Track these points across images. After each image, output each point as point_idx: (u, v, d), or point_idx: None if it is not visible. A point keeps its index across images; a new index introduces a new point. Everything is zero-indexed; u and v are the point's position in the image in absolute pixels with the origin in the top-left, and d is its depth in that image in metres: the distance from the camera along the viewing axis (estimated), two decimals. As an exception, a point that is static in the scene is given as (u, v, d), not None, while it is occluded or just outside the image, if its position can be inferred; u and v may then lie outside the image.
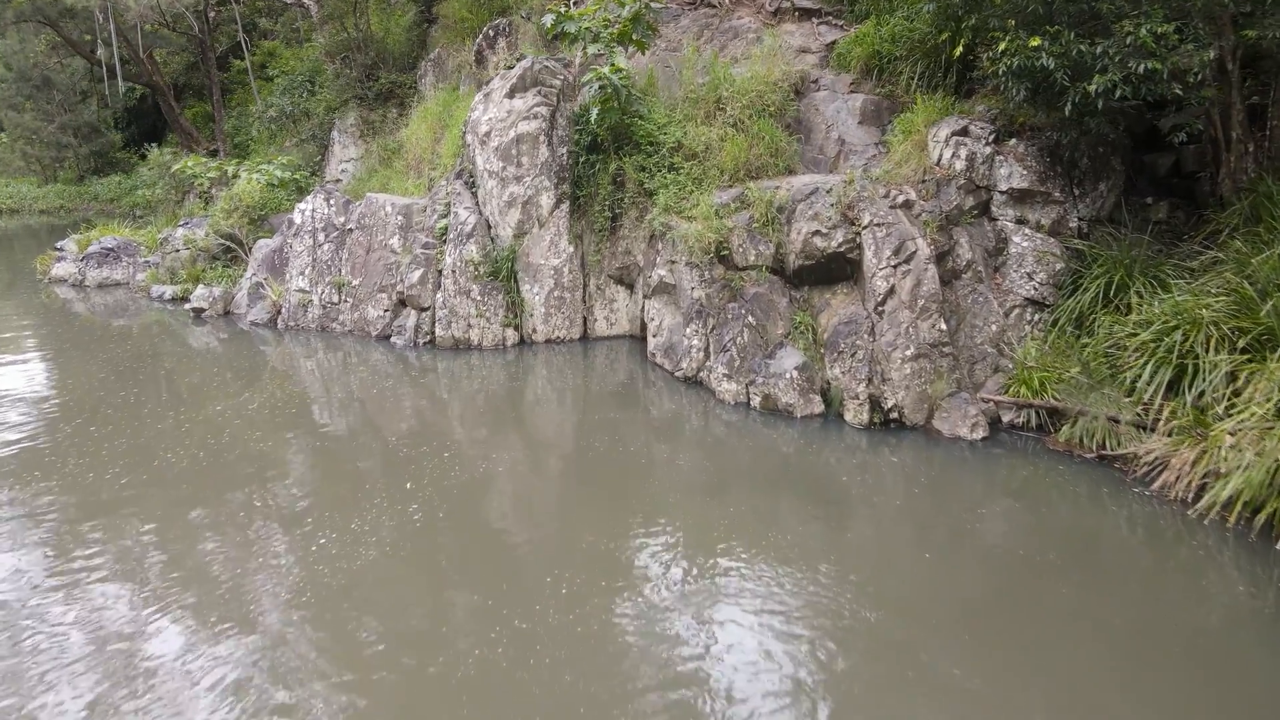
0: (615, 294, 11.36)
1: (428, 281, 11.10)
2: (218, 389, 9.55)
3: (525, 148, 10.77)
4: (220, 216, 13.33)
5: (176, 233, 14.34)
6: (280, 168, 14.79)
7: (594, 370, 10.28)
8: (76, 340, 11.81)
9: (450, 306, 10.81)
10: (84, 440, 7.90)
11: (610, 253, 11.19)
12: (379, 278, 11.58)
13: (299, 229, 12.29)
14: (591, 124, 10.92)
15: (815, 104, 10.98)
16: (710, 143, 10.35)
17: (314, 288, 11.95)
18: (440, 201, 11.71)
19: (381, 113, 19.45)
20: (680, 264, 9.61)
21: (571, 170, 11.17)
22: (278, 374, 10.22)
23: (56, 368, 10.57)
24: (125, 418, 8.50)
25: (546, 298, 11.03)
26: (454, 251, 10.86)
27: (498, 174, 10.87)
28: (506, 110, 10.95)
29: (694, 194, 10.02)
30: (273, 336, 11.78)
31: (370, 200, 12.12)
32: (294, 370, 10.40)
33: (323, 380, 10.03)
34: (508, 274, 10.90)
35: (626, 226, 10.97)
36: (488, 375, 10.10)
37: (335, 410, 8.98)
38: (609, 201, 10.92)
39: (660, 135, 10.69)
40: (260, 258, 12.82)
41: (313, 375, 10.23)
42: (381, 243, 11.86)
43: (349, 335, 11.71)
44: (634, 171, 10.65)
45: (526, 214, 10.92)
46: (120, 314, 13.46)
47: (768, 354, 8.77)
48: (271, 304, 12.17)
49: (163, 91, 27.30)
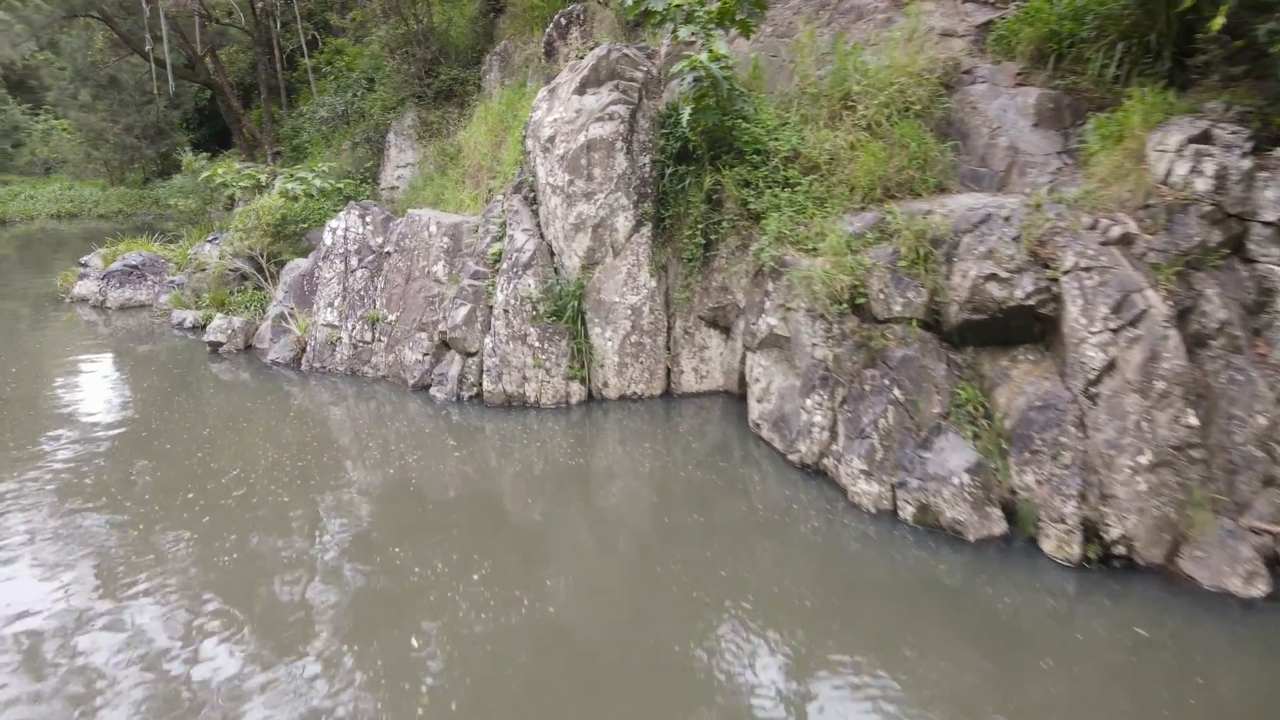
0: (707, 339, 9.27)
1: (475, 321, 9.22)
2: (206, 463, 7.85)
3: (598, 156, 8.78)
4: (236, 236, 11.80)
5: (205, 249, 12.91)
6: (321, 175, 13.24)
7: (679, 441, 8.20)
8: (68, 372, 10.39)
9: (502, 354, 8.90)
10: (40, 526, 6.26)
11: (702, 289, 9.10)
12: (419, 313, 9.77)
13: (329, 251, 10.61)
14: (682, 127, 8.87)
15: (971, 100, 8.64)
16: (837, 151, 8.16)
17: (344, 322, 10.23)
18: (494, 220, 9.84)
19: (441, 113, 17.85)
20: (799, 312, 7.45)
21: (655, 185, 9.13)
22: (289, 439, 8.48)
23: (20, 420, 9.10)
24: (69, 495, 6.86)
25: (621, 344, 9.01)
26: (507, 286, 8.94)
27: (563, 189, 8.91)
28: (575, 109, 8.99)
29: (815, 218, 7.85)
30: (294, 381, 10.10)
31: (412, 218, 10.34)
32: (310, 434, 8.65)
33: (344, 449, 8.25)
34: (573, 314, 8.92)
35: (723, 256, 8.87)
36: (546, 443, 8.14)
37: (356, 499, 7.15)
38: (701, 225, 8.84)
39: (770, 141, 8.55)
40: (289, 282, 11.21)
41: (331, 441, 8.45)
42: (424, 270, 10.06)
43: (382, 382, 9.94)
44: (735, 188, 8.54)
45: (598, 240, 8.93)
46: (132, 345, 12.06)
47: (921, 442, 6.54)
48: (296, 340, 10.52)
49: (223, 91, 26.55)
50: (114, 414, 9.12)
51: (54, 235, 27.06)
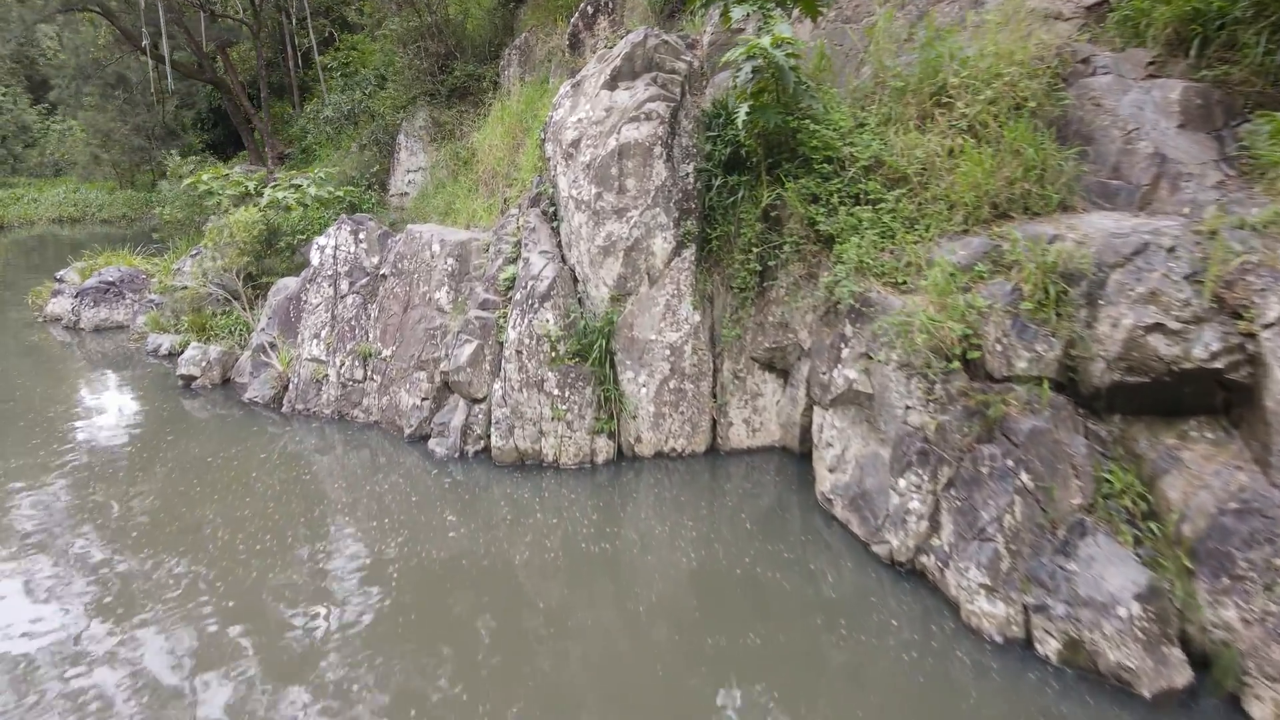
0: (760, 385, 7.76)
1: (483, 361, 7.77)
2: (142, 544, 6.48)
3: (632, 165, 7.31)
4: (208, 256, 10.46)
5: (188, 264, 11.61)
6: (318, 182, 11.90)
7: (729, 515, 6.70)
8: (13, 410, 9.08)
9: (513, 403, 7.44)
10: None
11: (755, 325, 7.59)
12: (418, 348, 8.35)
13: (316, 273, 9.23)
14: (735, 128, 7.39)
15: (1093, 96, 7.05)
16: (931, 159, 6.62)
17: (332, 357, 8.84)
18: (507, 239, 8.40)
19: (455, 112, 16.49)
20: (888, 365, 5.92)
21: (699, 200, 7.64)
22: (252, 508, 7.09)
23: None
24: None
25: (658, 390, 7.53)
26: (521, 321, 7.48)
27: (589, 205, 7.44)
28: (605, 107, 7.52)
29: (905, 244, 6.31)
30: (273, 426, 8.71)
31: (412, 236, 8.93)
32: (281, 499, 7.25)
33: (319, 522, 6.83)
34: (600, 356, 7.45)
35: (783, 286, 7.36)
36: (564, 516, 6.68)
37: (325, 594, 5.72)
38: (757, 249, 7.34)
39: (845, 147, 7.02)
40: (274, 306, 9.85)
41: (305, 510, 7.05)
42: (424, 296, 8.64)
43: (374, 429, 8.53)
44: (800, 204, 7.03)
45: (631, 266, 7.45)
46: (98, 375, 10.73)
47: (1061, 546, 4.98)
48: (277, 376, 9.15)
49: (229, 89, 25.44)
50: (42, 468, 7.79)
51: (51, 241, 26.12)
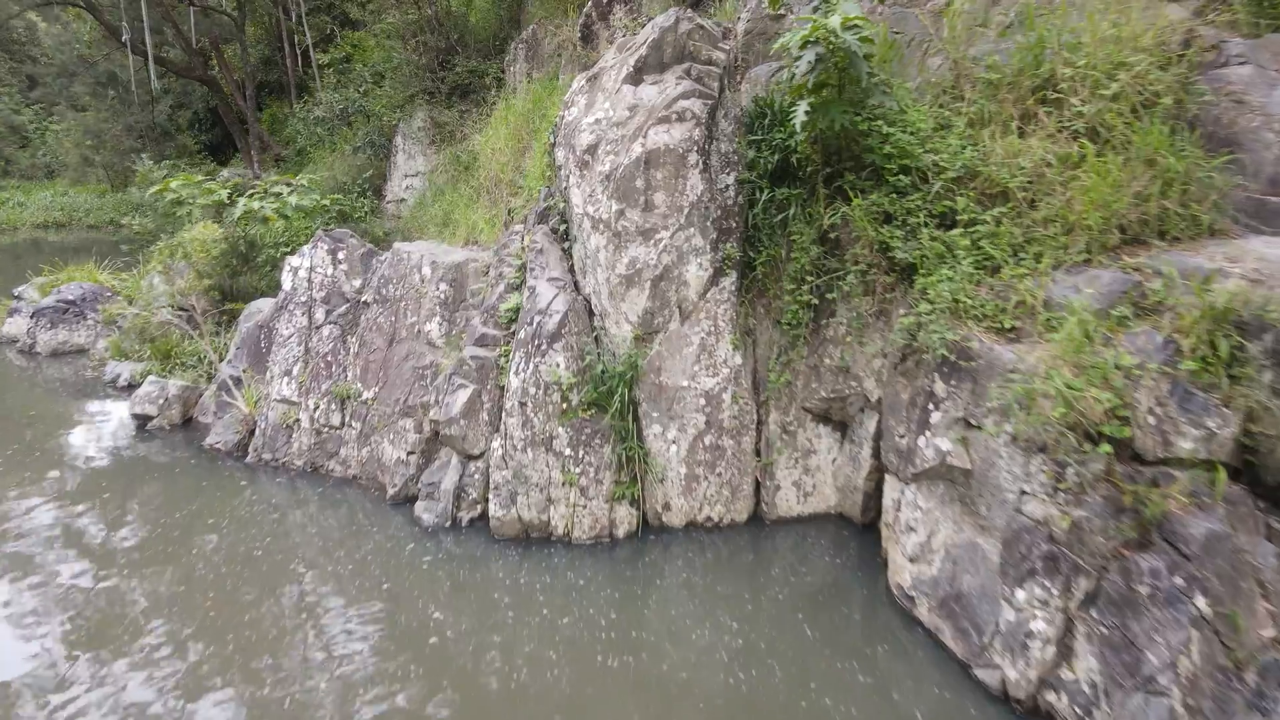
0: (814, 440, 6.48)
1: (480, 410, 6.52)
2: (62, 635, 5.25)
3: (662, 176, 6.03)
4: (158, 280, 9.22)
5: (156, 281, 10.41)
6: (301, 191, 10.68)
7: (780, 610, 5.41)
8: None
9: (516, 465, 6.18)
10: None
11: (809, 368, 6.32)
12: (405, 390, 7.11)
13: (288, 299, 7.99)
14: (786, 131, 6.12)
15: (1233, 91, 5.73)
16: (1040, 170, 5.32)
17: (305, 398, 7.60)
18: (510, 260, 7.15)
19: (457, 112, 15.25)
20: (998, 438, 4.62)
21: (741, 218, 6.37)
22: (191, 593, 5.85)
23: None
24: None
25: (691, 448, 6.26)
26: (526, 365, 6.22)
27: (609, 224, 6.18)
28: (628, 106, 6.25)
29: (1014, 277, 5.01)
30: (234, 477, 7.47)
31: (399, 256, 7.68)
32: (226, 581, 6.01)
33: (267, 621, 5.58)
34: (621, 406, 6.18)
35: (844, 323, 6.08)
36: (576, 608, 5.41)
37: None
38: (811, 278, 6.06)
39: (925, 154, 5.72)
40: (245, 333, 8.62)
41: (255, 600, 5.80)
42: (412, 328, 7.40)
43: (352, 485, 7.28)
44: (869, 224, 5.73)
45: (659, 298, 6.18)
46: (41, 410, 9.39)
47: (1254, 699, 3.69)
48: (243, 419, 7.90)
49: (220, 89, 24.31)
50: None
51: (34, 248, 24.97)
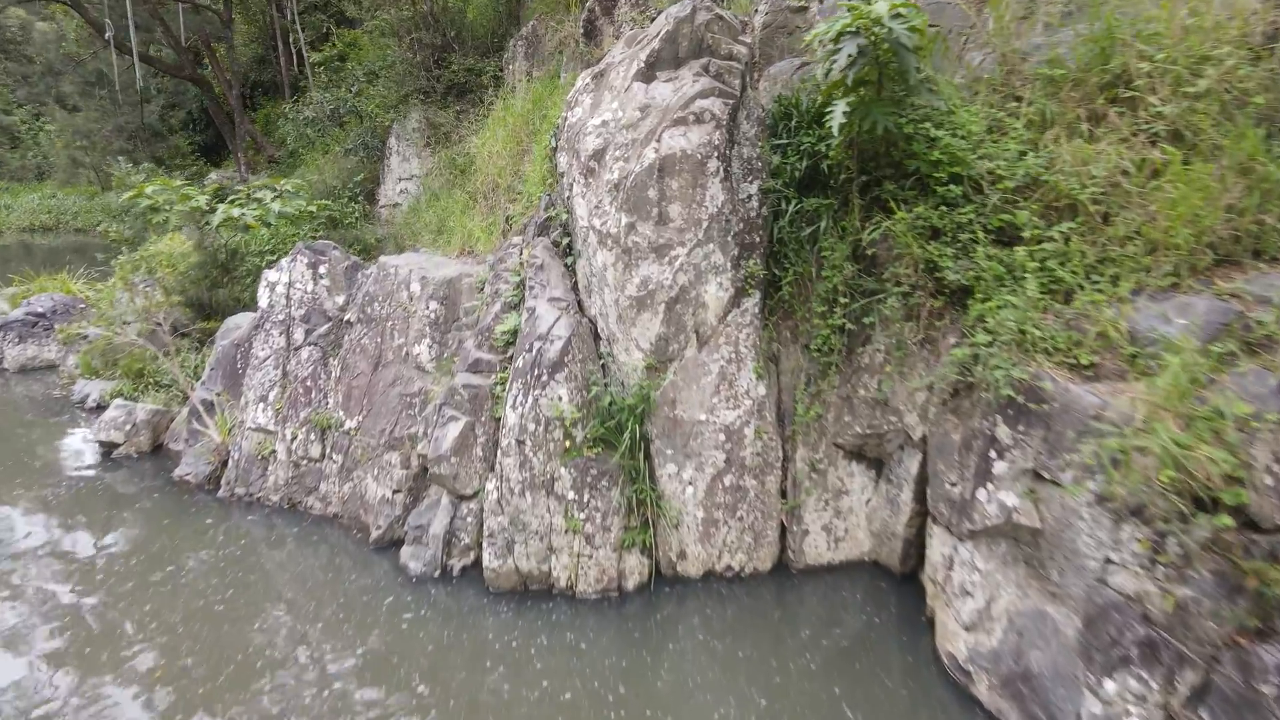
0: (846, 479, 5.81)
1: (473, 446, 5.85)
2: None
3: (678, 185, 5.37)
4: (121, 298, 8.55)
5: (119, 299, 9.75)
6: (284, 197, 10.01)
7: (816, 683, 4.73)
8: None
9: (513, 510, 5.51)
10: None
11: (841, 399, 5.65)
12: (391, 420, 6.45)
13: (265, 318, 7.33)
14: (814, 134, 5.46)
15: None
16: (1115, 179, 4.65)
17: (281, 426, 6.93)
18: (506, 276, 6.49)
19: (453, 112, 14.59)
20: (1078, 500, 3.95)
21: (766, 231, 5.70)
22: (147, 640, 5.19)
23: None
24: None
25: (709, 489, 5.59)
26: (524, 397, 5.54)
27: (618, 239, 5.51)
28: (639, 106, 5.58)
29: (1091, 303, 4.34)
30: (203, 514, 6.81)
31: (385, 271, 7.02)
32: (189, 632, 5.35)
33: (215, 694, 4.92)
34: (632, 444, 5.51)
35: (882, 349, 5.42)
36: (579, 684, 4.74)
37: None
38: (845, 299, 5.40)
39: (978, 160, 5.05)
40: (221, 352, 7.95)
41: (207, 662, 5.13)
42: (400, 350, 6.74)
43: (333, 525, 6.62)
44: (914, 239, 5.06)
45: (675, 322, 5.51)
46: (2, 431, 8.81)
47: None
48: (215, 448, 7.24)
49: (208, 87, 23.66)
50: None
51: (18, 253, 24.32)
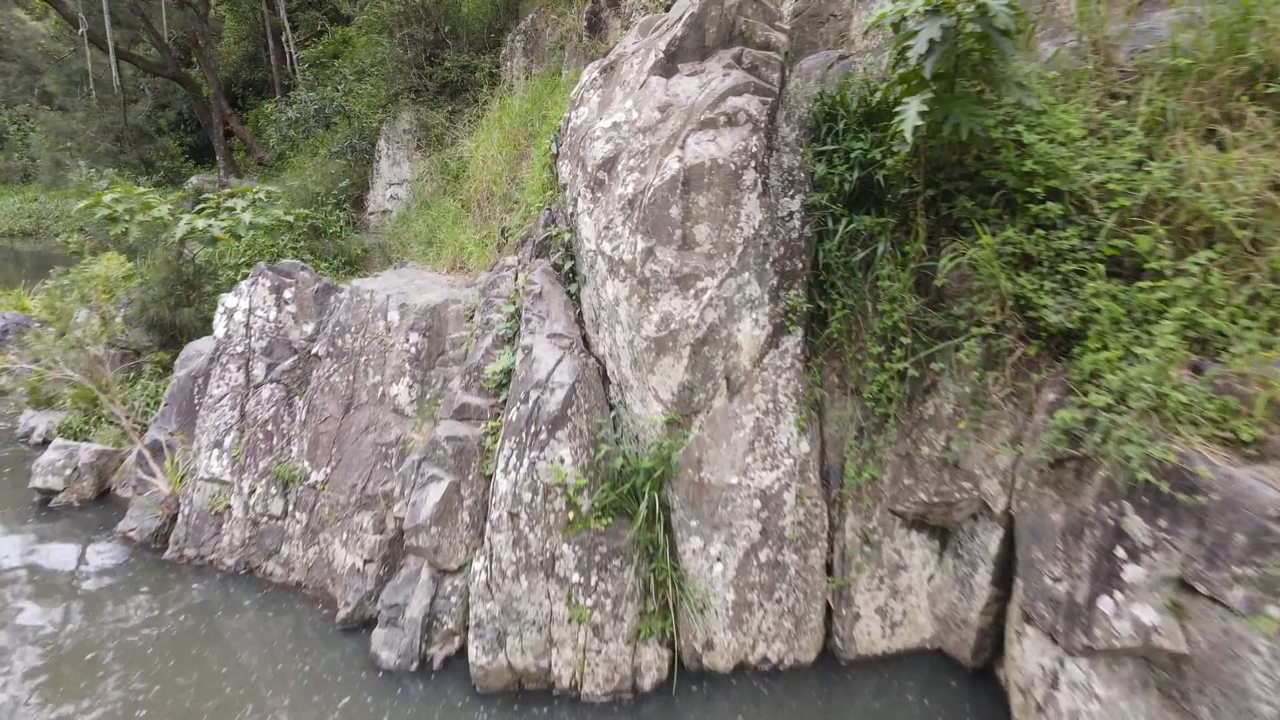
0: (905, 552, 4.86)
1: (458, 511, 4.91)
2: None
3: (707, 202, 4.42)
4: (50, 329, 7.59)
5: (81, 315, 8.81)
6: (257, 207, 9.07)
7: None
8: None
9: (505, 596, 4.56)
10: None
11: (900, 457, 4.70)
12: (363, 473, 5.51)
13: (222, 349, 6.38)
14: (866, 140, 4.52)
15: None
16: (1264, 196, 3.70)
17: (238, 478, 5.99)
18: (500, 303, 5.55)
19: (447, 112, 13.65)
20: (1252, 631, 3.01)
21: (809, 254, 4.76)
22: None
23: None
24: None
25: (741, 566, 4.65)
26: (519, 460, 4.59)
27: (632, 267, 4.56)
28: (659, 105, 4.63)
29: (1247, 356, 3.40)
30: (145, 581, 5.86)
31: (358, 297, 6.08)
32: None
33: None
34: (649, 513, 4.56)
35: (951, 398, 4.47)
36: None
37: None
38: (907, 338, 4.45)
39: (1084, 172, 4.10)
40: (177, 384, 7.02)
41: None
42: (375, 390, 5.80)
43: (296, 596, 5.67)
44: (1000, 270, 4.11)
45: (702, 367, 4.56)
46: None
47: None
48: (164, 500, 6.31)
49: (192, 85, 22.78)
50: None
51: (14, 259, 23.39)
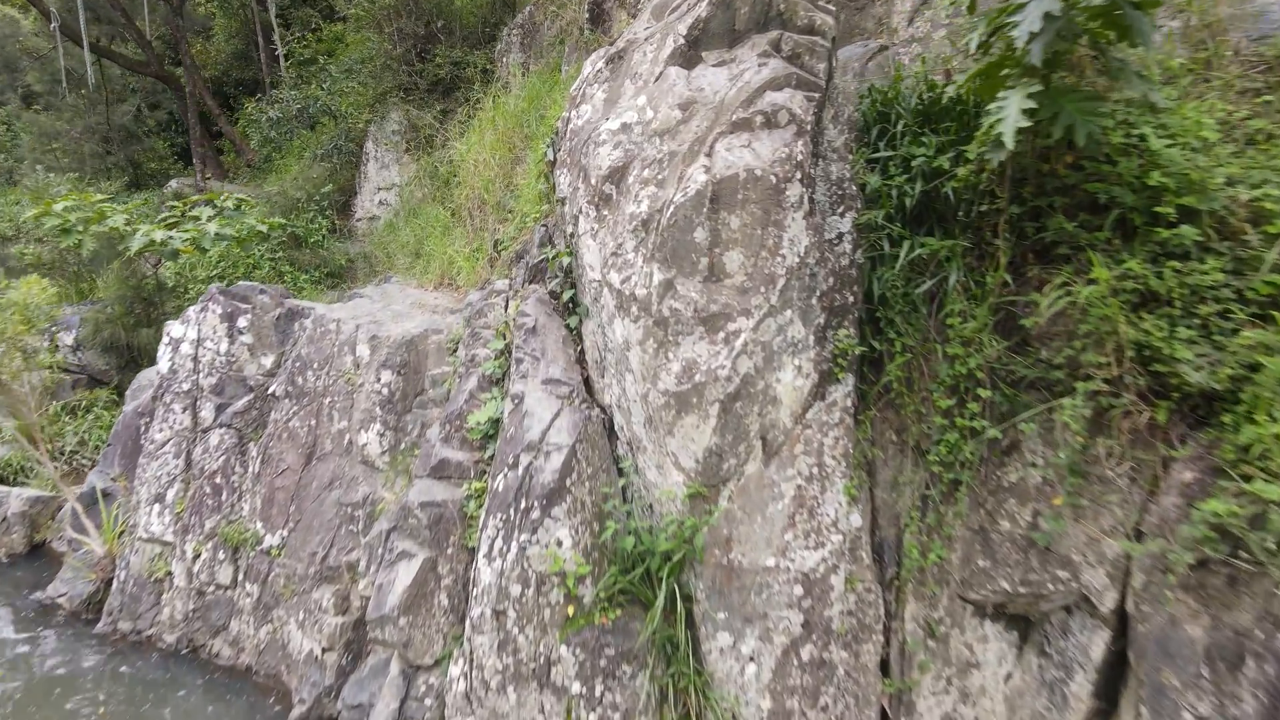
0: (977, 645, 4.00)
1: (434, 594, 4.06)
2: None
3: (740, 223, 3.56)
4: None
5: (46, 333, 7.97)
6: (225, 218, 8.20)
7: None
8: None
9: (489, 712, 3.69)
10: None
11: (972, 531, 3.84)
12: (324, 538, 4.66)
13: (167, 387, 5.53)
14: (929, 145, 3.67)
15: None
16: None
17: (181, 539, 5.14)
18: (487, 335, 4.70)
19: (439, 112, 12.79)
20: None
21: (861, 285, 3.91)
22: None
23: None
24: None
25: (779, 667, 3.79)
26: (506, 543, 3.72)
27: (647, 305, 3.70)
28: (679, 101, 3.78)
29: None
30: (71, 660, 5.00)
31: (322, 327, 5.22)
32: None
33: None
34: (666, 603, 3.71)
35: (1040, 462, 3.61)
36: None
37: None
38: (986, 390, 3.60)
39: (1225, 187, 3.25)
40: (123, 422, 6.18)
41: None
42: (340, 439, 4.95)
43: (246, 682, 4.81)
44: (1118, 312, 3.26)
45: (732, 428, 3.71)
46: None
47: None
48: (98, 561, 5.46)
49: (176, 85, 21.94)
50: None
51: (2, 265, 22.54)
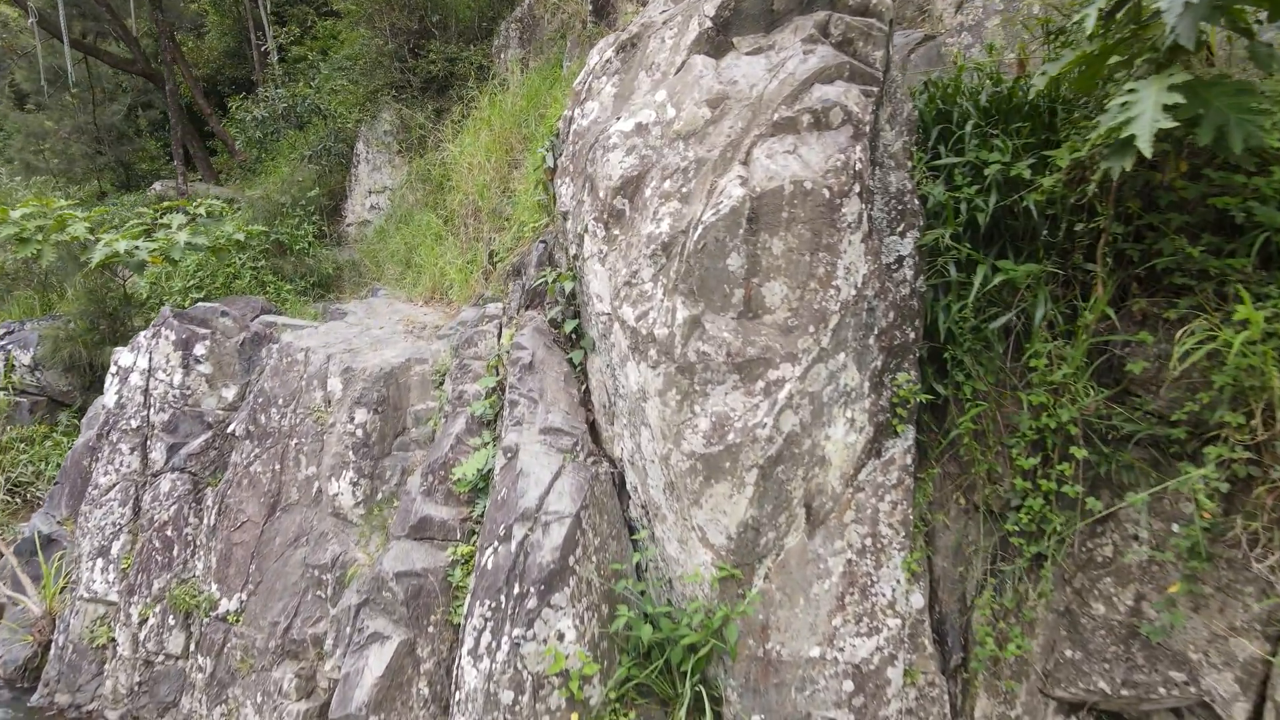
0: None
1: (412, 684, 3.41)
2: None
3: (784, 247, 2.92)
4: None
5: None
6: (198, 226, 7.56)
7: None
8: None
9: (473, 840, 3.06)
10: None
11: (1057, 615, 3.20)
12: (289, 604, 4.02)
13: (113, 423, 4.89)
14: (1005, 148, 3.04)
15: None
16: None
17: (127, 600, 4.50)
18: (477, 370, 4.06)
19: (432, 110, 12.14)
20: None
21: (922, 318, 3.27)
22: None
23: None
24: None
25: (823, 784, 3.15)
26: (495, 642, 3.07)
27: (667, 346, 3.05)
28: (707, 96, 3.14)
29: None
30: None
31: (289, 357, 4.58)
32: None
33: None
34: (691, 700, 3.07)
35: (1144, 536, 2.97)
36: None
37: None
38: (1082, 450, 2.96)
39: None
40: (72, 458, 5.55)
41: None
42: (308, 486, 4.30)
43: (195, 775, 4.18)
44: (1269, 361, 2.62)
45: (773, 496, 3.06)
46: None
47: None
48: (35, 621, 4.83)
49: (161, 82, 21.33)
50: None
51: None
